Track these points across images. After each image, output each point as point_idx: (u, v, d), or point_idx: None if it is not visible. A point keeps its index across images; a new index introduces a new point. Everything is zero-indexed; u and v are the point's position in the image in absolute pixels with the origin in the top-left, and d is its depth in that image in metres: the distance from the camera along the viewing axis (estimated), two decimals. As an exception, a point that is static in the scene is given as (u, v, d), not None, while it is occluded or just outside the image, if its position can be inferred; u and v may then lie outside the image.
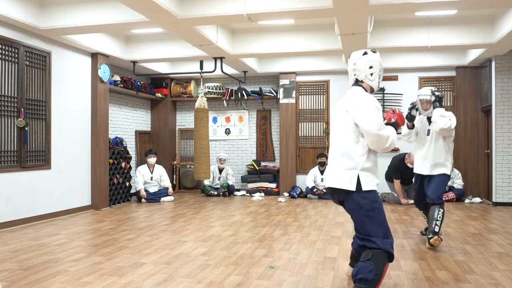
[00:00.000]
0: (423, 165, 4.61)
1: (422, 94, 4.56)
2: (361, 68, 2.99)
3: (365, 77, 3.00)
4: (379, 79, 3.02)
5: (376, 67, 2.99)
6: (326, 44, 6.94)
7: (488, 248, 4.35)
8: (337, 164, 2.91)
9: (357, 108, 2.82)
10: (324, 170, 8.55)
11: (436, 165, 4.50)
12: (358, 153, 2.86)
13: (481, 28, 6.49)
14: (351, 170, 2.84)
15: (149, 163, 8.19)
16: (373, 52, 3.03)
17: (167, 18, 5.27)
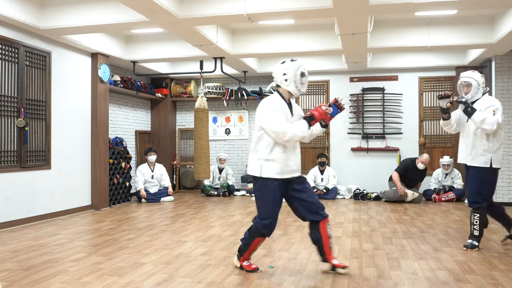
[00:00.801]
0: (464, 154, 4.29)
1: (463, 76, 4.25)
2: (276, 75, 3.57)
3: (281, 82, 3.53)
4: (296, 84, 3.48)
5: (289, 74, 3.48)
6: (326, 44, 6.95)
7: (488, 248, 4.35)
8: (250, 155, 3.54)
9: (258, 112, 3.50)
10: (324, 170, 8.55)
11: (476, 154, 4.17)
12: (262, 148, 3.43)
13: (481, 28, 6.49)
14: (257, 160, 3.45)
15: (149, 161, 8.20)
16: (291, 61, 3.57)
17: (167, 18, 5.27)
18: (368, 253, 4.17)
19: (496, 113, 4.06)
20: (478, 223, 4.18)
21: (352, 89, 8.96)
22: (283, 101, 3.49)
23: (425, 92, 8.69)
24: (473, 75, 4.19)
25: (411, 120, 8.66)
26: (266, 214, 3.46)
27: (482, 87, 4.21)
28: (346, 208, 7.19)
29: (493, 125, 4.01)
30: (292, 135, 3.32)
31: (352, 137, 8.92)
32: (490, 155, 4.12)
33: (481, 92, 4.21)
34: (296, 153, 3.52)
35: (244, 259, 3.63)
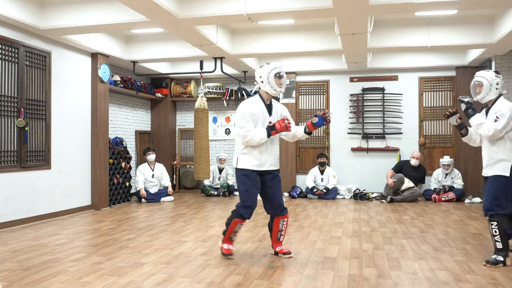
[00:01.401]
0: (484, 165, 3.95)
1: (476, 75, 3.98)
2: (256, 79, 3.98)
3: (259, 84, 3.95)
4: (271, 85, 3.88)
5: (264, 76, 3.89)
6: (326, 44, 6.95)
7: (488, 248, 4.35)
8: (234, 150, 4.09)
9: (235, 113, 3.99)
10: (324, 170, 8.55)
11: (491, 165, 3.86)
12: (238, 144, 3.97)
13: (481, 28, 6.49)
14: (236, 154, 4.02)
15: (149, 161, 8.21)
16: (267, 64, 3.95)
17: (167, 18, 5.27)
18: (368, 253, 4.17)
19: (499, 120, 3.74)
20: (498, 233, 3.72)
21: (352, 89, 8.96)
22: (260, 102, 3.95)
23: (425, 92, 8.69)
24: (485, 74, 3.90)
25: (411, 120, 8.66)
26: (245, 197, 3.94)
27: (496, 87, 3.86)
28: (346, 208, 7.20)
29: (489, 131, 3.74)
30: (250, 139, 3.83)
31: (352, 137, 8.92)
32: (509, 163, 3.75)
33: (494, 93, 3.87)
34: (271, 149, 3.97)
35: (225, 241, 4.06)
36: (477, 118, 3.87)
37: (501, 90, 3.91)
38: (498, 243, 3.74)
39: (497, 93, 3.88)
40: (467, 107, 3.96)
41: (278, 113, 4.02)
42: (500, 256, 3.73)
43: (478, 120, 3.86)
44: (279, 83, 3.89)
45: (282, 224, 4.03)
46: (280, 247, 4.10)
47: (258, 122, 3.89)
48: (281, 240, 4.09)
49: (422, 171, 8.19)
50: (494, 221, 3.75)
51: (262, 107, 3.92)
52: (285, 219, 4.04)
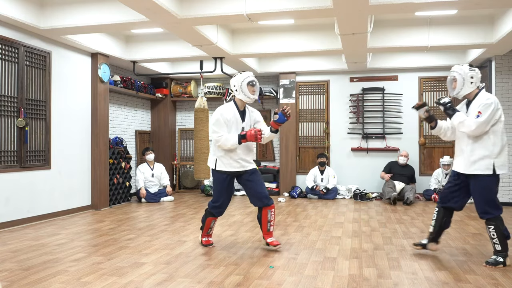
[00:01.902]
0: (460, 161, 3.87)
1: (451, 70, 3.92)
2: (231, 87, 4.33)
3: (234, 92, 4.30)
4: (244, 93, 4.23)
5: (237, 85, 4.26)
6: (326, 44, 6.94)
7: (488, 248, 4.35)
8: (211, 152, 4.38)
9: None
10: (324, 170, 8.55)
11: (472, 162, 3.75)
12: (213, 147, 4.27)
13: (481, 28, 6.49)
14: (212, 156, 4.31)
15: (148, 160, 8.21)
16: (240, 73, 4.33)
17: (167, 18, 5.27)
18: (368, 253, 4.17)
19: (481, 114, 3.64)
20: (496, 236, 3.70)
21: (352, 89, 8.96)
22: (234, 109, 4.26)
23: (425, 92, 8.69)
24: (458, 69, 3.83)
25: (411, 120, 8.66)
26: (216, 198, 4.32)
27: (471, 81, 3.77)
28: (346, 208, 7.20)
29: (471, 126, 3.67)
30: (222, 144, 4.13)
31: (352, 137, 8.92)
32: (491, 160, 3.68)
33: (470, 87, 3.78)
34: (245, 150, 4.24)
35: (203, 236, 4.49)
36: (458, 116, 3.80)
37: (478, 83, 3.82)
38: (497, 245, 3.71)
39: (473, 87, 3.80)
40: (445, 107, 3.91)
41: (251, 119, 4.36)
42: (500, 257, 3.71)
43: (459, 118, 3.79)
44: (252, 90, 4.25)
45: (270, 214, 4.22)
46: (271, 239, 4.28)
47: (231, 127, 4.20)
48: (271, 231, 4.28)
49: (410, 169, 8.22)
50: (491, 225, 3.73)
51: (236, 114, 4.25)
52: (272, 209, 4.24)
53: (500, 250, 3.71)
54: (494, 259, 3.73)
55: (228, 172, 4.24)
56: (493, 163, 3.68)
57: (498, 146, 3.69)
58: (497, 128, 3.71)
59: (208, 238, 4.49)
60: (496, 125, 3.70)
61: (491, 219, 3.73)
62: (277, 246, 4.27)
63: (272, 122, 4.21)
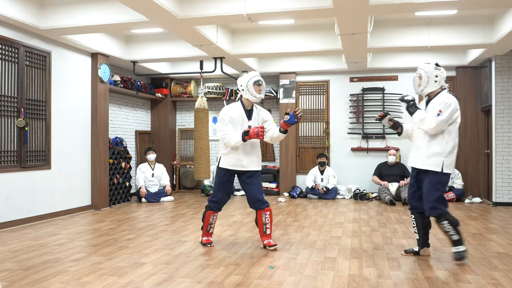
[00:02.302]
0: (415, 156, 3.94)
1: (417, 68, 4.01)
2: (238, 87, 4.36)
3: (241, 92, 4.33)
4: (250, 92, 4.26)
5: (244, 85, 4.28)
6: (326, 44, 6.94)
7: (488, 248, 4.35)
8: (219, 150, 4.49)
9: None
10: (324, 170, 8.55)
11: (424, 158, 3.83)
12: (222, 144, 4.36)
13: (481, 28, 6.49)
14: (219, 153, 4.42)
15: (149, 160, 8.22)
16: (246, 73, 4.35)
17: (167, 18, 5.27)
18: (368, 253, 4.17)
19: (442, 113, 3.70)
20: (452, 228, 3.76)
21: (352, 89, 8.96)
22: (240, 108, 4.34)
23: (425, 92, 8.68)
24: (424, 67, 3.90)
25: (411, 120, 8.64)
26: (215, 193, 4.44)
27: (436, 80, 3.82)
28: (346, 208, 7.20)
29: (431, 124, 3.72)
30: (227, 142, 4.23)
31: (352, 137, 8.92)
32: (442, 158, 3.74)
33: (434, 85, 3.83)
34: (250, 151, 4.33)
35: (204, 234, 4.53)
36: (419, 114, 3.86)
37: (442, 83, 3.86)
38: (454, 235, 3.78)
39: (437, 85, 3.85)
40: (408, 105, 3.96)
41: (259, 118, 4.43)
42: (461, 247, 3.78)
43: (420, 116, 3.84)
44: (259, 90, 4.27)
45: (264, 217, 4.28)
46: (267, 240, 4.33)
47: (237, 126, 4.28)
48: (268, 233, 4.32)
49: (400, 167, 8.23)
50: (444, 220, 3.78)
51: (242, 113, 4.33)
52: (267, 212, 4.29)
53: (458, 239, 3.78)
54: (458, 252, 3.79)
55: (228, 170, 4.34)
56: (443, 162, 3.75)
57: (450, 145, 3.76)
58: (453, 128, 3.78)
59: (208, 237, 4.54)
60: (452, 125, 3.78)
61: (442, 216, 3.78)
62: (273, 246, 4.30)
63: (282, 122, 4.26)
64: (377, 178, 8.26)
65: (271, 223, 4.32)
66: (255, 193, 4.31)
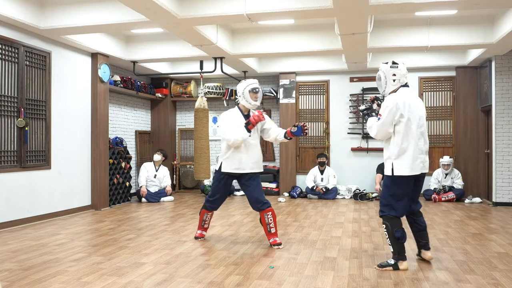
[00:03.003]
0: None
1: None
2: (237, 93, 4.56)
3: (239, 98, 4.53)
4: (246, 99, 4.46)
5: (240, 92, 4.48)
6: (326, 44, 6.94)
7: (488, 248, 4.35)
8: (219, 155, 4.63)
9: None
10: (324, 170, 8.55)
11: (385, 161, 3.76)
12: (222, 149, 4.53)
13: (481, 28, 6.49)
14: (220, 158, 4.55)
15: (154, 160, 8.24)
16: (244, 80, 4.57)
17: (167, 18, 5.27)
18: (368, 253, 4.17)
19: (380, 117, 3.60)
20: (388, 236, 3.62)
21: (352, 89, 8.96)
22: (238, 113, 4.53)
23: (425, 92, 8.69)
24: (382, 67, 3.75)
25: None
26: (212, 194, 4.62)
27: (393, 79, 3.67)
28: (346, 208, 7.20)
29: (372, 132, 3.69)
30: (234, 140, 4.32)
31: (352, 137, 8.92)
32: (391, 161, 3.63)
33: (393, 84, 3.69)
34: (252, 153, 4.42)
35: (198, 228, 4.79)
36: (368, 121, 3.83)
37: (403, 79, 3.70)
38: (390, 246, 3.64)
39: (396, 84, 3.70)
40: (363, 114, 3.94)
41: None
42: (392, 260, 3.63)
43: (368, 123, 3.82)
44: (255, 97, 4.43)
45: (267, 217, 4.35)
46: (273, 239, 4.41)
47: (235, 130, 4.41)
48: (273, 232, 4.39)
49: None
50: (384, 224, 3.66)
51: (240, 117, 4.50)
52: (268, 213, 4.35)
53: (392, 251, 3.63)
54: (386, 261, 3.67)
55: (226, 173, 4.47)
56: (392, 164, 3.62)
57: (397, 147, 3.59)
58: (399, 128, 3.59)
59: (201, 231, 4.77)
60: (398, 126, 3.60)
61: (384, 218, 3.64)
62: (278, 245, 4.37)
63: (289, 132, 4.38)
64: (379, 178, 8.26)
65: (274, 222, 4.38)
66: (255, 195, 4.38)
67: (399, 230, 3.57)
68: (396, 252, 3.59)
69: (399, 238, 3.56)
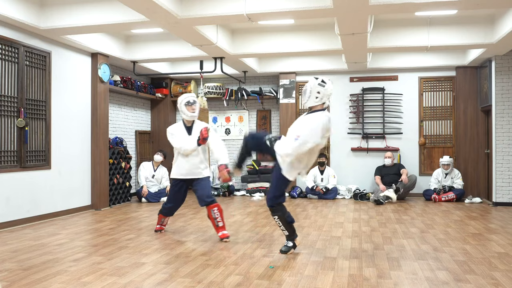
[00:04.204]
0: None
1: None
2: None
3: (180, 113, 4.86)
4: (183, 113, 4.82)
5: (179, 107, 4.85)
6: (326, 44, 6.94)
7: (488, 248, 4.35)
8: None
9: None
10: (324, 170, 8.55)
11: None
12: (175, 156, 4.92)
13: (481, 28, 6.49)
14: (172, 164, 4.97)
15: (154, 160, 8.23)
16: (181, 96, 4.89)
17: (167, 18, 5.27)
18: (368, 253, 4.17)
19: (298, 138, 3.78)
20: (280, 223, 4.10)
21: (352, 89, 8.96)
22: (181, 126, 4.86)
23: (425, 92, 8.69)
24: (310, 81, 3.96)
25: (411, 120, 8.66)
26: (168, 200, 5.04)
27: (317, 96, 3.86)
28: (346, 208, 7.20)
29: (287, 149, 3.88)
30: (184, 149, 4.70)
31: (352, 137, 8.92)
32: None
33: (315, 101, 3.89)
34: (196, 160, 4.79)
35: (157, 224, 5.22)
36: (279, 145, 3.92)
37: (325, 100, 3.88)
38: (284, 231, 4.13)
39: (318, 101, 3.87)
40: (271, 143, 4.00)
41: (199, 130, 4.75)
42: (290, 242, 4.13)
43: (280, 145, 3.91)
44: (191, 109, 4.77)
45: (213, 213, 4.66)
46: (221, 232, 4.69)
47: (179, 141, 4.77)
48: (220, 226, 4.69)
49: (397, 166, 8.32)
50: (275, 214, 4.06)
51: (182, 130, 4.84)
52: (214, 208, 4.66)
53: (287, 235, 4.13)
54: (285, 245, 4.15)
55: (179, 179, 4.88)
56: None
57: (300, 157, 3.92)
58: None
59: (161, 226, 5.21)
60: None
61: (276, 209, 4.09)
62: (227, 238, 4.66)
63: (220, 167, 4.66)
64: (379, 178, 8.29)
65: (221, 216, 4.69)
66: (201, 192, 4.75)
67: (289, 215, 4.13)
68: (291, 233, 4.12)
69: (292, 221, 4.13)
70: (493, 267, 3.70)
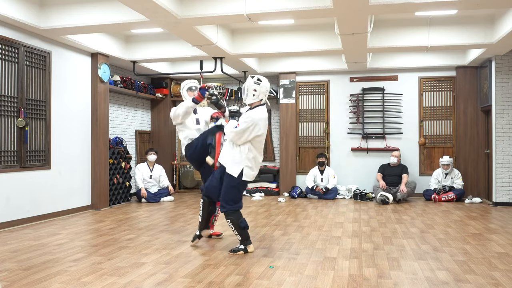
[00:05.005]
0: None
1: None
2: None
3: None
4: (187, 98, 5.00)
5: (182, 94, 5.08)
6: (326, 44, 6.94)
7: (488, 248, 4.35)
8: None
9: None
10: (324, 170, 8.55)
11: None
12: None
13: (481, 28, 6.49)
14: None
15: (148, 161, 8.20)
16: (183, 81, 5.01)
17: (167, 18, 5.27)
18: (368, 253, 4.17)
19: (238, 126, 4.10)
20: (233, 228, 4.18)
21: (352, 89, 8.96)
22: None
23: (425, 92, 8.69)
24: (247, 79, 4.26)
25: (411, 120, 8.67)
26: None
27: (254, 93, 4.17)
28: (346, 208, 7.20)
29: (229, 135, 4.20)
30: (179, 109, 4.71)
31: (352, 137, 8.92)
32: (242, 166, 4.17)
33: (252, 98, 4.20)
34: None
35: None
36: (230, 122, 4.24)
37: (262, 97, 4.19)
38: (237, 235, 4.19)
39: (255, 99, 4.19)
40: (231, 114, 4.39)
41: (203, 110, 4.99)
42: (242, 245, 4.19)
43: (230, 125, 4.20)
44: (193, 95, 4.85)
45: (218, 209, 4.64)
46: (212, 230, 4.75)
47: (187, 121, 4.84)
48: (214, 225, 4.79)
49: (401, 167, 8.28)
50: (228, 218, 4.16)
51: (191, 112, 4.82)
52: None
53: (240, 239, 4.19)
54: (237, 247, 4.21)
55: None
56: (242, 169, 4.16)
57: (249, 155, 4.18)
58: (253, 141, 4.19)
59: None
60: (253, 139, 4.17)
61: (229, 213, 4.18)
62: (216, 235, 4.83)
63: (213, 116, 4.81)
64: (380, 176, 8.28)
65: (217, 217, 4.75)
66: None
67: (243, 221, 4.16)
68: (244, 238, 4.17)
69: (245, 227, 4.17)
70: (493, 267, 3.70)
